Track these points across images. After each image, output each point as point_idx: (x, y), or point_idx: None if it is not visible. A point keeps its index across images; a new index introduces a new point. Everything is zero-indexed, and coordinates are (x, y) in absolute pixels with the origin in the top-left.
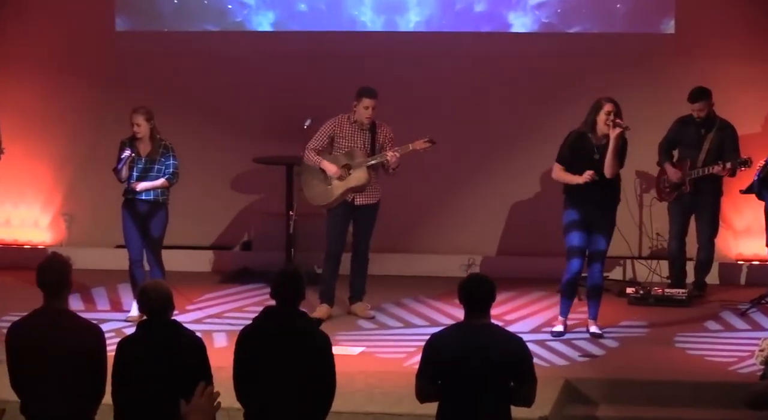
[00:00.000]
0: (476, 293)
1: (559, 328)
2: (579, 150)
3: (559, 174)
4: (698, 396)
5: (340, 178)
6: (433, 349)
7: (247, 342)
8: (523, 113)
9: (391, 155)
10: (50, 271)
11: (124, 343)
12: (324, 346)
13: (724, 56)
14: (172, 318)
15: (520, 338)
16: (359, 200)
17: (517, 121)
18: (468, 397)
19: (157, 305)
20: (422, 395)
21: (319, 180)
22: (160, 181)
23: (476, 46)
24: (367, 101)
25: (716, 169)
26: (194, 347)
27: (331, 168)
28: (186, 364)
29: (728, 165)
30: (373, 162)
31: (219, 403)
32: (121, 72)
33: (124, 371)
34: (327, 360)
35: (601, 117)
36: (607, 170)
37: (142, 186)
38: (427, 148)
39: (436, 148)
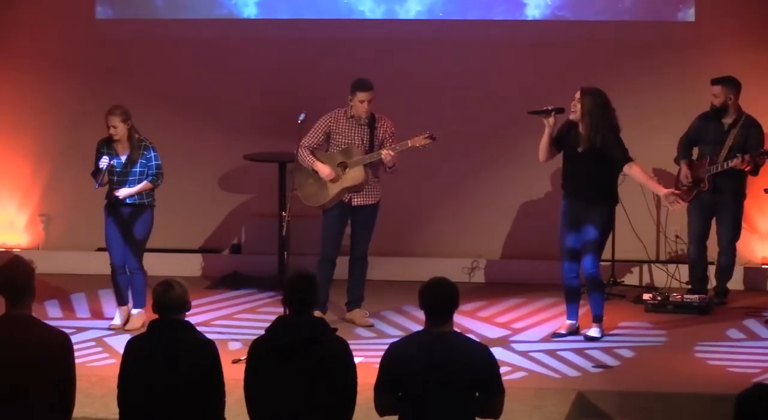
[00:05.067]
0: (438, 299)
1: (562, 330)
2: (564, 139)
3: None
4: (719, 409)
5: (335, 179)
6: (393, 359)
7: (260, 353)
8: (528, 107)
9: (385, 154)
10: (11, 274)
11: (133, 343)
12: (342, 354)
13: (747, 46)
14: (185, 320)
15: (485, 347)
16: (357, 200)
17: (524, 116)
18: (430, 410)
19: (176, 302)
20: (382, 408)
21: (314, 179)
22: (143, 185)
23: (481, 36)
24: (361, 95)
25: (734, 162)
26: (207, 351)
27: (324, 169)
28: (197, 368)
29: (747, 157)
30: (369, 160)
31: None
32: (102, 62)
33: (131, 374)
34: (346, 369)
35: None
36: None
37: (124, 193)
38: (426, 144)
39: (438, 145)
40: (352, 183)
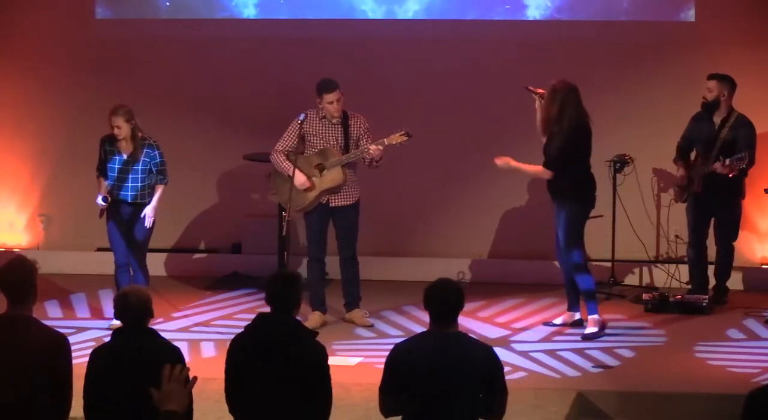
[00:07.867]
0: (443, 300)
1: (555, 320)
2: None
3: None
4: (719, 409)
5: (310, 188)
6: (398, 360)
7: (238, 350)
8: (527, 108)
9: (374, 149)
10: (14, 273)
11: (97, 352)
12: (318, 360)
13: (747, 46)
14: (149, 327)
15: (489, 347)
16: (334, 201)
17: (520, 116)
18: (434, 411)
19: (135, 312)
20: (387, 409)
21: (291, 184)
22: (159, 191)
23: (481, 36)
24: (329, 96)
25: (716, 166)
26: (172, 355)
27: (299, 178)
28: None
29: (727, 161)
30: (347, 160)
31: (194, 378)
32: (102, 62)
33: (95, 381)
34: (322, 375)
35: None
36: None
37: (150, 211)
38: (403, 141)
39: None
40: (331, 184)
